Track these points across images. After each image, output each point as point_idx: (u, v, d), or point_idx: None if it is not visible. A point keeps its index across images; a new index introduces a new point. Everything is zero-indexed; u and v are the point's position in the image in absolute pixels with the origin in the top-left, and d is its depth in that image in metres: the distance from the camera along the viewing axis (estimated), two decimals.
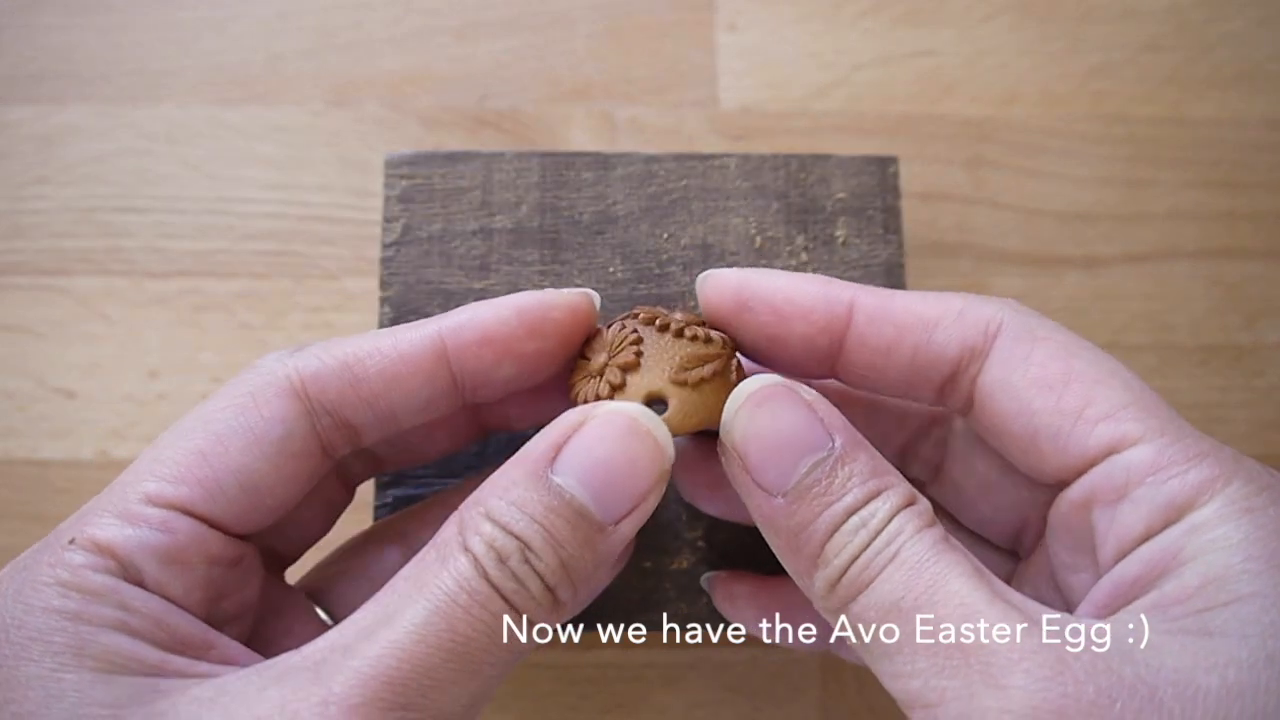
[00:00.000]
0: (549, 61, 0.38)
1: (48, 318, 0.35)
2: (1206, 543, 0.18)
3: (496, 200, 0.30)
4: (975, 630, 0.17)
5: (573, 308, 0.22)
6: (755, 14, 0.39)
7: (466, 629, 0.18)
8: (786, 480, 0.20)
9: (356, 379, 0.21)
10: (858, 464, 0.20)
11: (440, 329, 0.22)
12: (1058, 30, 0.39)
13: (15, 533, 0.33)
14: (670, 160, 0.31)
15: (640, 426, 0.20)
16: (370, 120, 0.37)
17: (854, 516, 0.19)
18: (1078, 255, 0.37)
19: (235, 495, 0.20)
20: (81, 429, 0.34)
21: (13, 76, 0.37)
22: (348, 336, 0.22)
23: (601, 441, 0.20)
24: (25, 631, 0.18)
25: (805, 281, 0.23)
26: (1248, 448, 0.36)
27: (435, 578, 0.18)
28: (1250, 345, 0.37)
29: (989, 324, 0.21)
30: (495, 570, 0.18)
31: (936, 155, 0.38)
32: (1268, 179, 0.38)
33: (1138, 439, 0.19)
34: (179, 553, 0.19)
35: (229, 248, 0.36)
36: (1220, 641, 0.16)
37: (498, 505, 0.19)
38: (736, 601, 0.27)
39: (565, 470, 0.19)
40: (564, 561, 0.19)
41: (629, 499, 0.20)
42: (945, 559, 0.18)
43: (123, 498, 0.20)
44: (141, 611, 0.19)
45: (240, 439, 0.20)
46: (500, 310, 0.22)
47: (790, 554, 0.20)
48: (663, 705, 0.33)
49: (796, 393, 0.20)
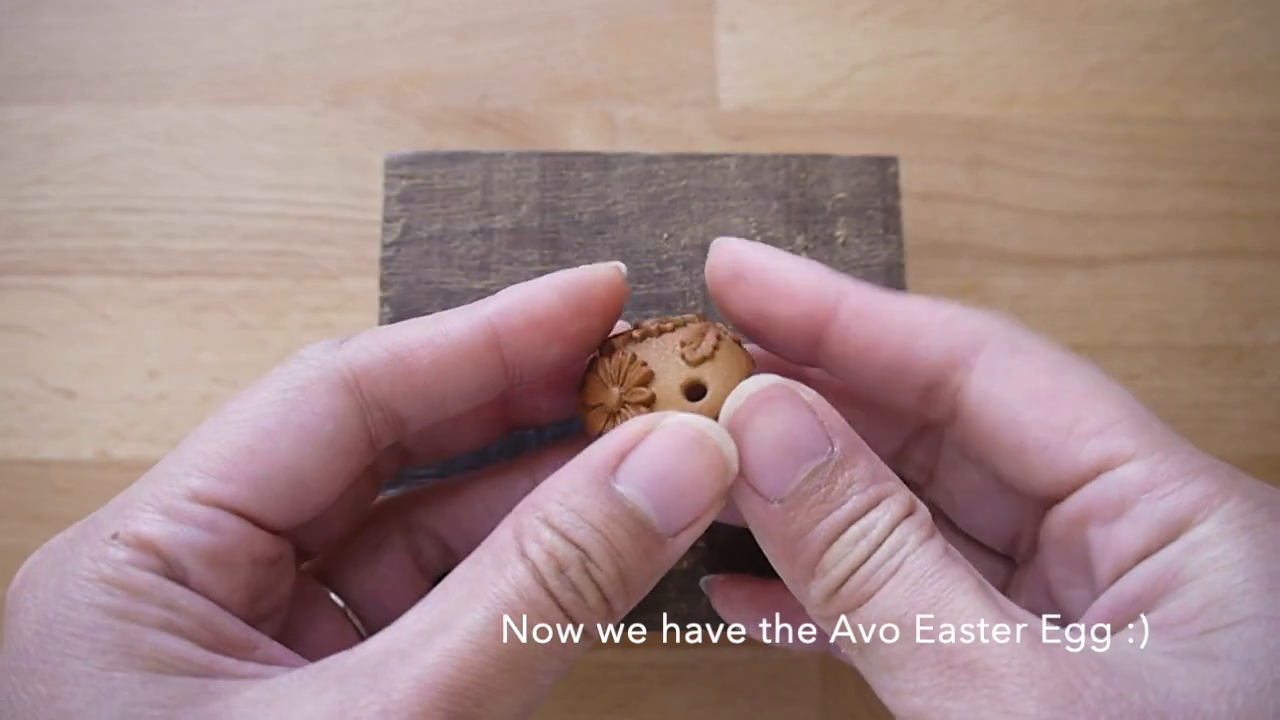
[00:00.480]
0: (549, 61, 0.38)
1: (48, 318, 0.35)
2: (1207, 561, 0.18)
3: (496, 200, 0.30)
4: (984, 650, 0.17)
5: (610, 283, 0.22)
6: (755, 14, 0.39)
7: (524, 640, 0.18)
8: (784, 486, 0.19)
9: (410, 371, 0.21)
10: (857, 470, 0.19)
11: (489, 314, 0.21)
12: (1058, 30, 0.39)
13: (15, 533, 0.33)
14: (670, 160, 0.31)
15: (708, 440, 0.19)
16: (370, 120, 0.37)
17: (854, 526, 0.19)
18: (1078, 255, 0.37)
19: (282, 493, 0.20)
20: (81, 429, 0.34)
21: (13, 76, 0.37)
22: (393, 325, 0.22)
23: (668, 452, 0.19)
24: (70, 628, 0.17)
25: (802, 265, 0.23)
26: (1248, 448, 0.36)
27: (493, 585, 0.18)
28: (1250, 345, 0.37)
29: (976, 334, 0.21)
30: (554, 580, 0.18)
31: (936, 155, 0.38)
32: (1268, 179, 0.38)
33: (1131, 454, 0.19)
34: (225, 553, 0.19)
35: (229, 248, 0.36)
36: (1226, 667, 0.16)
37: (557, 510, 0.19)
38: (736, 605, 0.27)
39: (629, 479, 0.19)
40: (622, 572, 0.19)
41: (691, 511, 0.19)
42: (950, 574, 0.18)
43: (167, 492, 0.19)
44: (188, 611, 0.18)
45: (290, 435, 0.20)
46: (544, 292, 0.22)
47: (785, 561, 0.20)
48: (663, 705, 0.33)
49: (797, 394, 0.20)
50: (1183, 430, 0.36)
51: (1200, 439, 0.36)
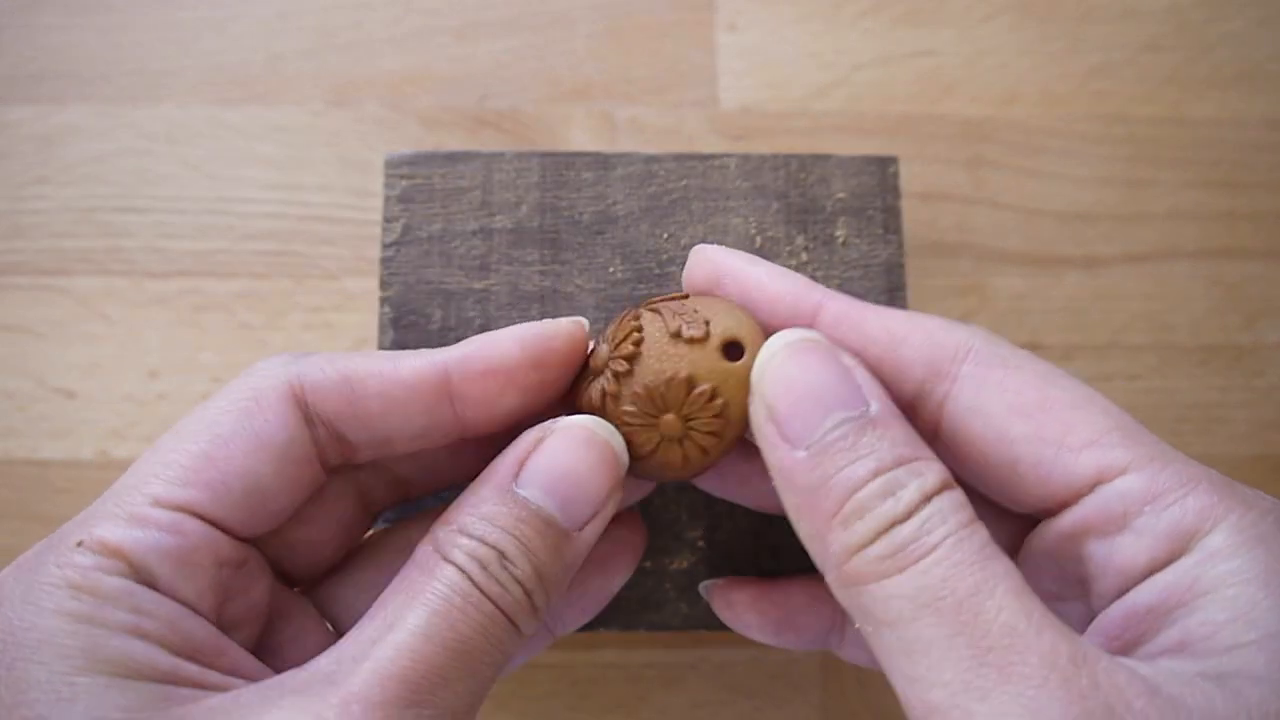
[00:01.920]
0: (549, 61, 0.38)
1: (48, 318, 0.35)
2: (1224, 574, 0.17)
3: (496, 200, 0.30)
4: (1021, 656, 0.16)
5: (570, 336, 0.23)
6: (755, 14, 0.39)
7: (465, 629, 0.19)
8: (812, 432, 0.19)
9: (355, 395, 0.21)
10: (891, 430, 0.19)
11: (446, 359, 0.22)
12: (1058, 30, 0.39)
13: (15, 533, 0.33)
14: (670, 160, 0.31)
15: (597, 437, 0.21)
16: (370, 120, 0.37)
17: (880, 478, 0.18)
18: (1078, 255, 0.37)
19: (240, 498, 0.20)
20: (81, 429, 0.34)
21: (13, 76, 0.37)
22: (354, 352, 0.22)
23: (562, 453, 0.21)
24: (35, 634, 0.17)
25: (779, 275, 0.22)
26: (1248, 448, 0.36)
27: (427, 587, 0.19)
28: (1250, 345, 0.37)
29: (958, 348, 0.21)
30: (480, 575, 0.19)
31: (936, 155, 0.38)
32: (1268, 179, 0.38)
33: (1126, 466, 0.19)
34: (190, 554, 0.19)
35: (229, 248, 0.36)
36: (1253, 688, 0.16)
37: (470, 521, 0.20)
38: (736, 608, 0.26)
39: (530, 483, 0.21)
40: (537, 568, 0.20)
41: (591, 505, 0.21)
42: (993, 566, 0.17)
43: (129, 500, 0.19)
44: (155, 615, 0.18)
45: (244, 442, 0.20)
46: (503, 342, 0.22)
47: (806, 512, 0.19)
48: (663, 705, 0.33)
49: (833, 349, 0.20)
50: (1183, 430, 0.37)
51: (1200, 439, 0.36)
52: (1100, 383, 0.36)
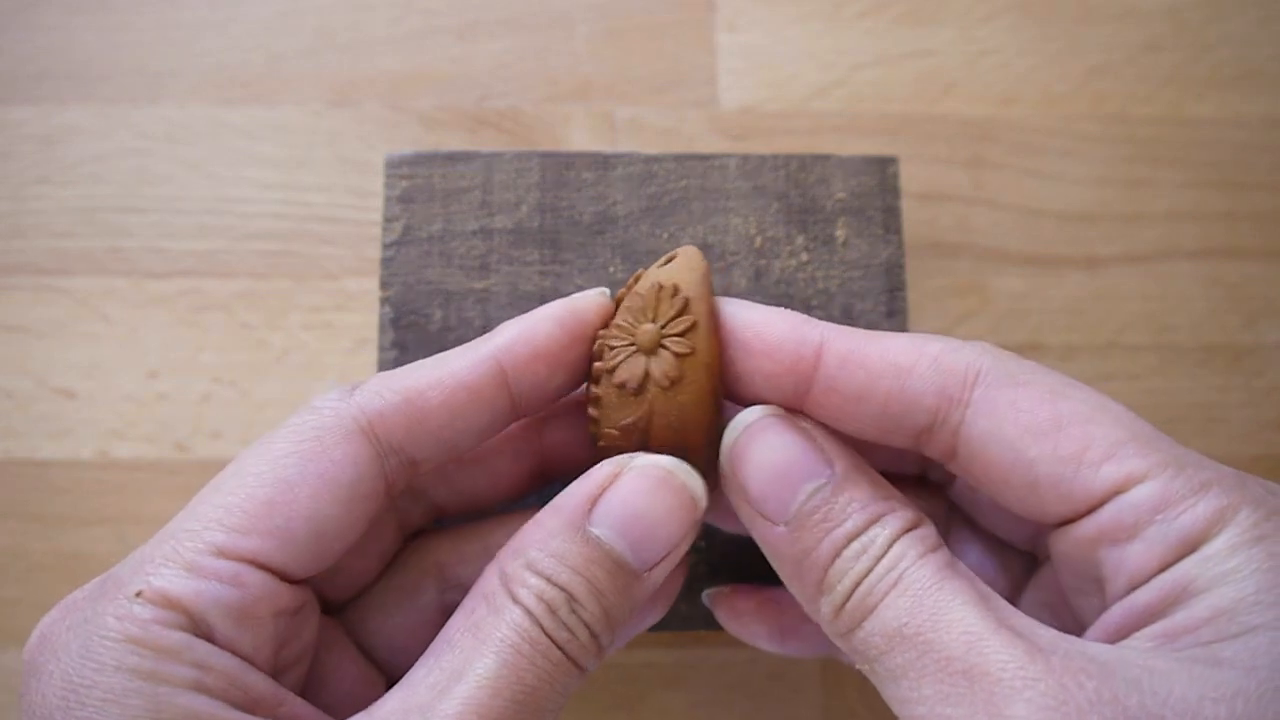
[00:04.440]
0: (549, 61, 0.38)
1: (48, 318, 0.35)
2: (1219, 574, 0.18)
3: (496, 200, 0.30)
4: (981, 658, 0.17)
5: (601, 309, 0.23)
6: (755, 14, 0.39)
7: (532, 679, 0.19)
8: (787, 508, 0.20)
9: (422, 414, 0.21)
10: (858, 489, 0.20)
11: (495, 351, 0.22)
12: (1058, 30, 0.39)
13: (15, 533, 0.33)
14: (670, 160, 0.31)
15: (675, 480, 0.21)
16: (370, 120, 0.37)
17: (855, 542, 0.19)
18: (1078, 255, 0.37)
19: (304, 543, 0.20)
20: (81, 429, 0.34)
21: (13, 76, 0.37)
22: (399, 370, 0.22)
23: (638, 494, 0.20)
24: (98, 692, 0.17)
25: (776, 317, 0.22)
26: (1248, 448, 0.36)
27: (495, 630, 0.19)
28: (1250, 345, 0.37)
29: (966, 371, 0.21)
30: (549, 621, 0.19)
31: (936, 155, 0.38)
32: (1268, 179, 0.38)
33: (1143, 475, 0.19)
34: (250, 607, 0.19)
35: (229, 248, 0.36)
36: (1228, 673, 0.16)
37: (538, 557, 0.20)
38: (743, 618, 0.26)
39: (602, 522, 0.20)
40: (605, 609, 0.20)
41: (664, 547, 0.20)
42: (949, 586, 0.18)
43: (189, 547, 0.19)
44: (216, 670, 0.18)
45: (310, 485, 0.20)
46: (542, 324, 0.22)
47: (796, 581, 0.20)
48: (663, 705, 0.33)
49: (793, 422, 0.21)
50: (1183, 430, 0.36)
51: (1200, 439, 0.36)
52: (1100, 383, 0.36)
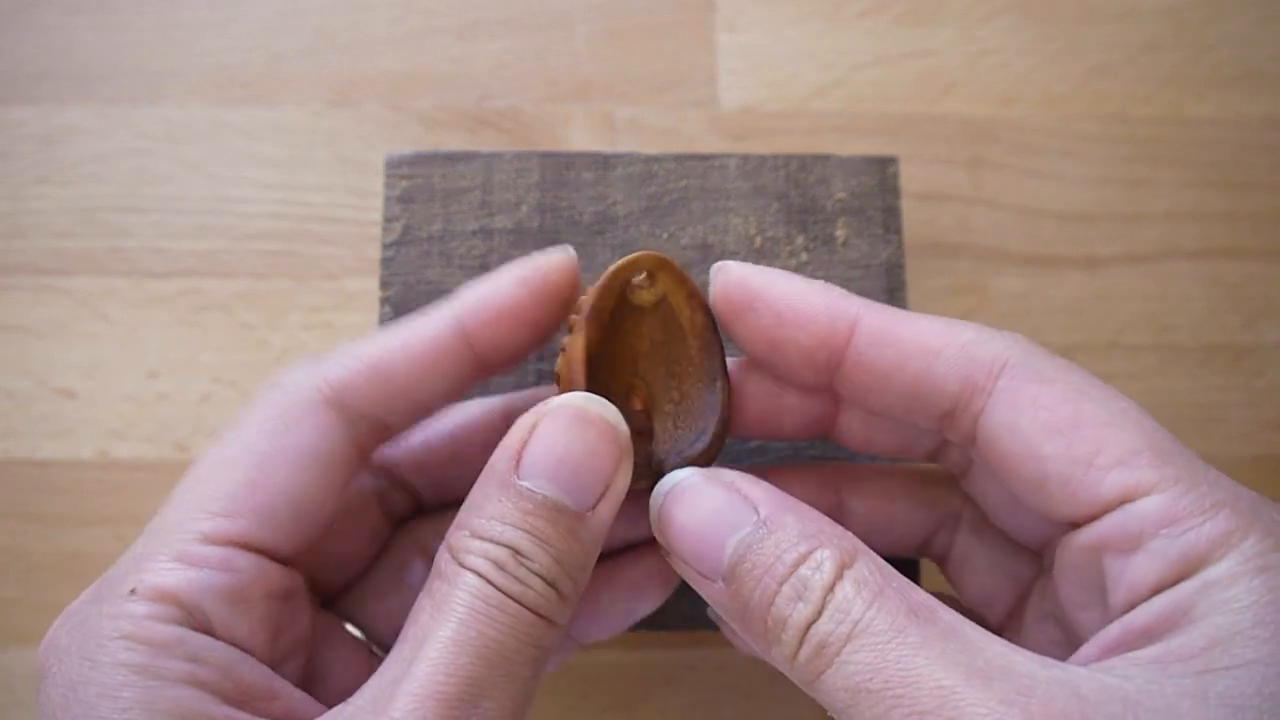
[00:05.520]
0: (549, 61, 0.38)
1: (48, 318, 0.35)
2: (1219, 601, 0.17)
3: (496, 200, 0.30)
4: (956, 712, 0.17)
5: (566, 268, 0.23)
6: (755, 14, 0.39)
7: (494, 633, 0.19)
8: (720, 564, 0.20)
9: (387, 379, 0.22)
10: (785, 530, 0.19)
11: (457, 313, 0.22)
12: (1058, 30, 0.39)
13: (15, 533, 0.33)
14: (670, 160, 0.31)
15: (589, 413, 0.21)
16: (370, 120, 0.37)
17: (786, 585, 0.19)
18: (1078, 255, 0.37)
19: (286, 519, 0.20)
20: (81, 429, 0.34)
21: (13, 76, 0.37)
22: (363, 338, 0.22)
23: (558, 436, 0.20)
24: (93, 689, 0.18)
25: (811, 289, 0.22)
26: (1247, 448, 0.36)
27: (450, 598, 0.19)
28: (1250, 345, 0.37)
29: (994, 361, 0.21)
30: (498, 577, 0.19)
31: (936, 155, 0.38)
32: (1268, 179, 0.38)
33: (1152, 487, 0.19)
34: (243, 590, 0.19)
35: (229, 248, 0.36)
36: (1215, 710, 0.16)
37: (480, 523, 0.20)
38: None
39: (530, 473, 0.20)
40: (555, 558, 0.20)
41: (599, 482, 0.20)
42: (912, 634, 0.18)
43: (178, 538, 0.19)
44: (211, 663, 0.19)
45: (286, 460, 0.20)
46: (504, 285, 0.23)
47: (748, 634, 0.20)
48: (663, 705, 0.33)
49: (714, 476, 0.21)
50: (1183, 430, 0.36)
51: (1200, 439, 0.36)
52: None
